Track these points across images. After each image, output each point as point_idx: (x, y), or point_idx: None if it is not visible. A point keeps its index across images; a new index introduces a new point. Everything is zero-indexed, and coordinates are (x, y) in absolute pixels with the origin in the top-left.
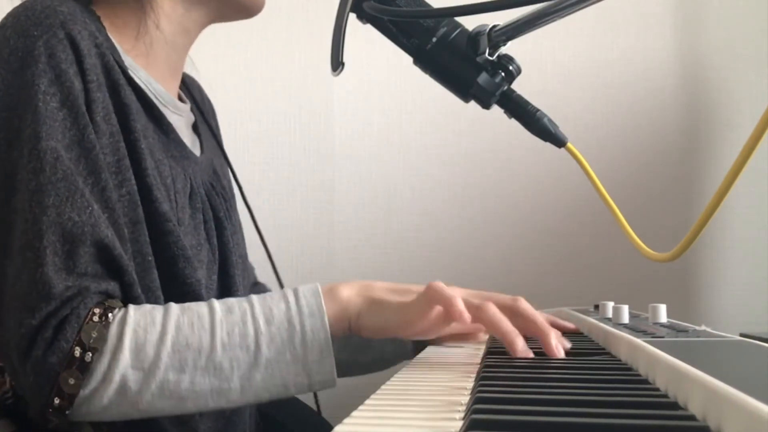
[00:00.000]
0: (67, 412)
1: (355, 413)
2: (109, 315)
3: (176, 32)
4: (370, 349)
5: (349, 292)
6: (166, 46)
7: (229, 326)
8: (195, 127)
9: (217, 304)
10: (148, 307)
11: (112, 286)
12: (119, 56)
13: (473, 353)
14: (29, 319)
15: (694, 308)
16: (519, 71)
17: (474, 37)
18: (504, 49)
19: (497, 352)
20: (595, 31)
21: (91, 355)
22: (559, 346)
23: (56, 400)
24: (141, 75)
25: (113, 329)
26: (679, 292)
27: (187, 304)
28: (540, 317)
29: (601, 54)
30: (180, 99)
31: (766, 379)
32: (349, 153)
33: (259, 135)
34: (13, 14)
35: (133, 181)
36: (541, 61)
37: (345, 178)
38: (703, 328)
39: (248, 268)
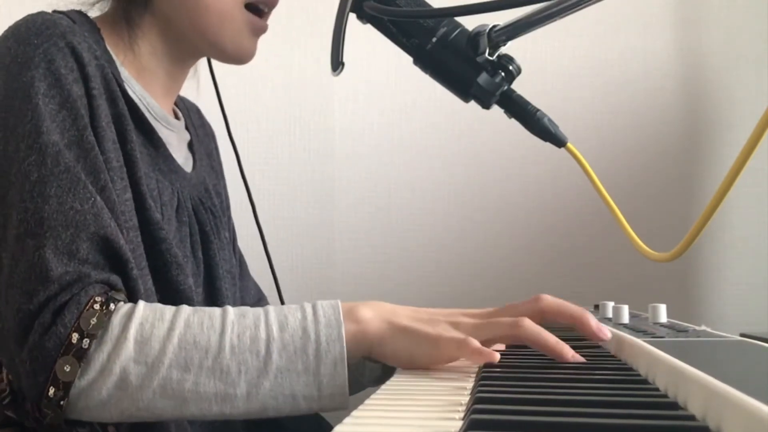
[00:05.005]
0: (62, 402)
1: (355, 413)
2: (111, 305)
3: (165, 59)
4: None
5: (370, 314)
6: (158, 68)
7: (240, 329)
8: (191, 145)
9: (231, 308)
10: (158, 305)
11: (114, 278)
12: (116, 69)
13: None
14: (27, 305)
15: (694, 308)
16: (519, 71)
17: (474, 37)
18: (504, 49)
19: (497, 351)
20: (595, 31)
21: (88, 341)
22: (601, 326)
23: (51, 390)
24: (135, 89)
25: (116, 320)
26: (679, 292)
27: (199, 307)
28: (567, 308)
29: (601, 54)
30: (175, 116)
31: (766, 379)
32: (349, 153)
33: (259, 135)
34: (14, 26)
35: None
36: (541, 61)
37: (345, 177)
38: (703, 328)
39: (250, 287)
